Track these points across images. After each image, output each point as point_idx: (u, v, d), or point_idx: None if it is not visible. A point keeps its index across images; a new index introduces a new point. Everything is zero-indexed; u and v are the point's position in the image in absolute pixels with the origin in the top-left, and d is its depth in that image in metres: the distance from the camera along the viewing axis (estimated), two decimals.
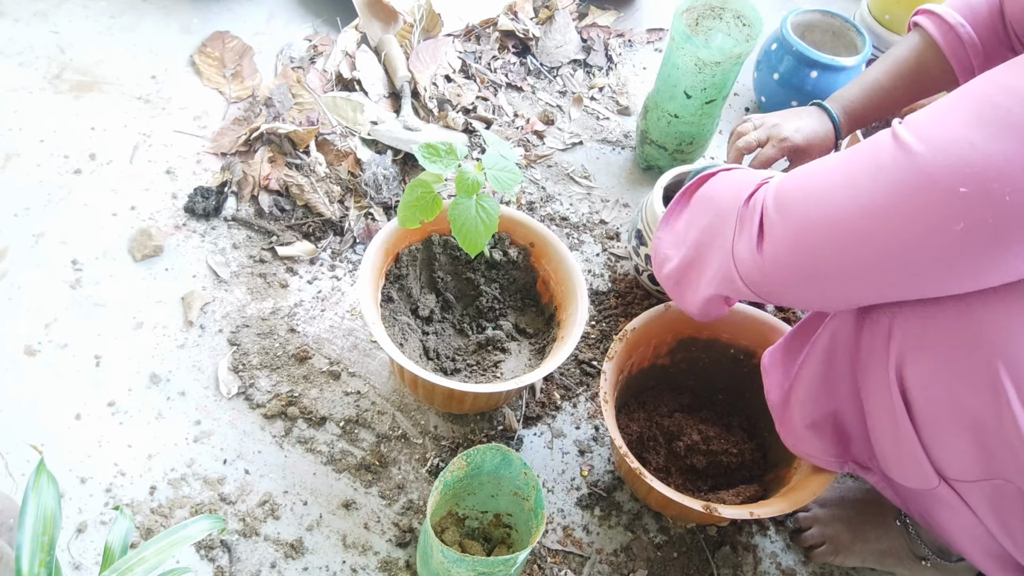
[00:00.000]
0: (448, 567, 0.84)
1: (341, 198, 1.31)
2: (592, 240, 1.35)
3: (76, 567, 0.95)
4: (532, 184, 1.42)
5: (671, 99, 1.31)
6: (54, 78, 1.44)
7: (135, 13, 1.57)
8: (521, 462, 0.89)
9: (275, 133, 1.33)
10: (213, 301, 1.20)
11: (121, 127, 1.39)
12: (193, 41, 1.54)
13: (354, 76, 1.45)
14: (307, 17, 1.62)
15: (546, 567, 1.01)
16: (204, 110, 1.43)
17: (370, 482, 1.05)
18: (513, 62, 1.59)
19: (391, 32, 1.52)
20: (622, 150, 1.50)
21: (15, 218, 1.25)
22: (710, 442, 1.05)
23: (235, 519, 1.01)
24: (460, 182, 0.97)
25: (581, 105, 1.55)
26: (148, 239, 1.23)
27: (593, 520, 1.06)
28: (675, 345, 1.10)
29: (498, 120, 1.49)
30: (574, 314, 1.03)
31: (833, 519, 1.04)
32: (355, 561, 0.99)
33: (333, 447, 1.08)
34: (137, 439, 1.06)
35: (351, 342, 1.18)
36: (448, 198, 1.01)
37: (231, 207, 1.29)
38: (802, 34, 1.49)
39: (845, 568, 1.06)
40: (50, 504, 0.66)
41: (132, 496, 1.01)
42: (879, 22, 1.53)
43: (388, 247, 1.07)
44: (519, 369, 1.08)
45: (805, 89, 1.43)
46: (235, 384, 1.12)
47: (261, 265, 1.24)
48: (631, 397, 1.11)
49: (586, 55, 1.63)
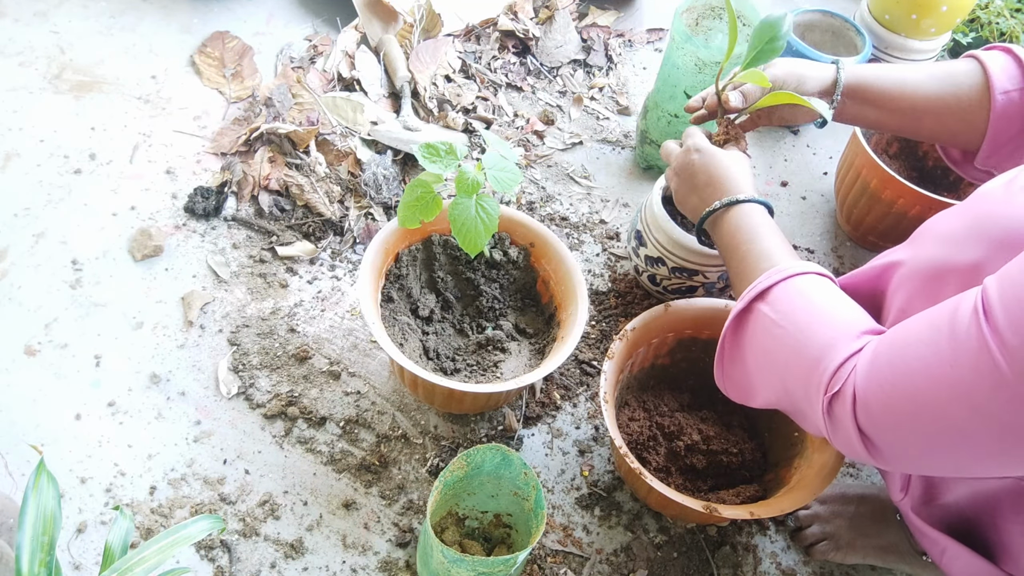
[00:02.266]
0: (448, 567, 0.84)
1: (341, 198, 1.31)
2: (592, 240, 1.35)
3: (76, 567, 0.95)
4: (532, 184, 1.42)
5: (671, 99, 1.31)
6: (54, 78, 1.44)
7: (135, 13, 1.57)
8: (521, 462, 0.89)
9: (275, 133, 1.33)
10: (213, 301, 1.20)
11: (121, 127, 1.39)
12: (193, 41, 1.54)
13: (354, 76, 1.45)
14: (307, 17, 1.62)
15: (546, 567, 1.01)
16: (204, 110, 1.43)
17: (370, 482, 1.05)
18: (513, 62, 1.59)
19: (391, 32, 1.52)
20: (622, 150, 1.50)
21: (15, 218, 1.25)
22: (710, 442, 1.05)
23: (235, 519, 1.01)
24: (460, 182, 0.97)
25: (581, 105, 1.55)
26: (148, 239, 1.23)
27: (593, 520, 1.06)
28: (675, 345, 1.10)
29: (498, 120, 1.49)
30: (574, 314, 1.03)
31: (833, 516, 1.04)
32: (355, 561, 0.99)
33: (333, 447, 1.08)
34: (137, 439, 1.06)
35: (351, 342, 1.18)
36: (448, 198, 1.01)
37: (231, 207, 1.29)
38: (802, 34, 1.49)
39: (845, 565, 1.06)
40: (50, 504, 0.66)
41: (132, 496, 1.01)
42: (879, 22, 1.53)
43: (388, 247, 1.07)
44: (519, 369, 1.08)
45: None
46: (235, 384, 1.12)
47: (261, 265, 1.24)
48: (631, 397, 1.11)
49: (586, 55, 1.63)
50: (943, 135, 0.98)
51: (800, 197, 1.48)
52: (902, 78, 0.96)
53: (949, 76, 0.93)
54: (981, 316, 0.58)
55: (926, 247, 0.75)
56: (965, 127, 0.94)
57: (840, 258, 1.40)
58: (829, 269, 1.38)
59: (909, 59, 1.54)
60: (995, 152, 0.94)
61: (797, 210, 1.46)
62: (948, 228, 0.73)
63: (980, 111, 0.91)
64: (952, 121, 0.95)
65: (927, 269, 0.73)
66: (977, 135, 0.93)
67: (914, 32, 1.50)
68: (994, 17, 1.62)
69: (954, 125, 0.95)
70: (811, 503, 1.06)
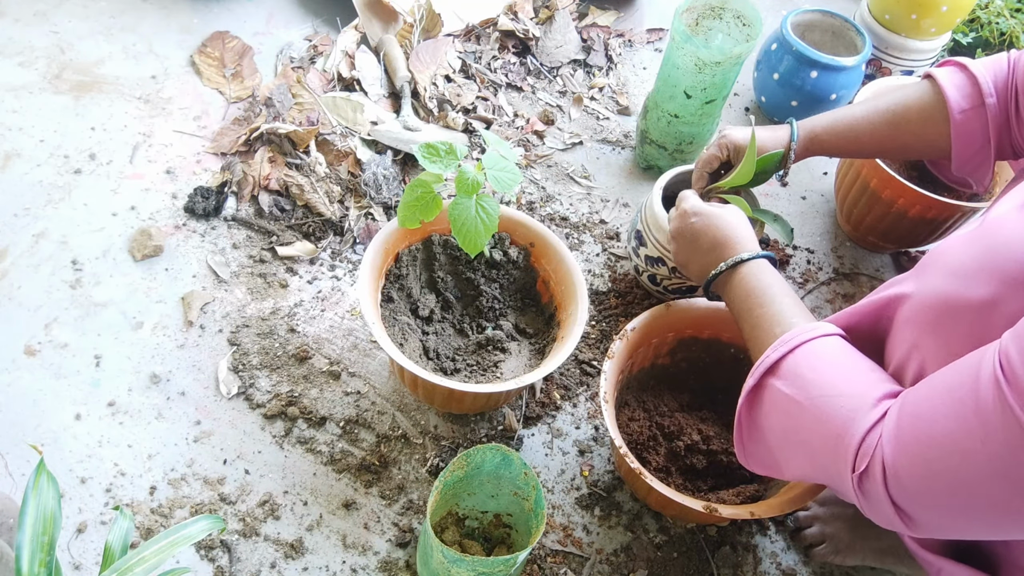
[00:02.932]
0: (448, 567, 0.84)
1: (341, 198, 1.31)
2: (592, 240, 1.35)
3: (76, 567, 0.95)
4: (532, 184, 1.42)
5: (671, 99, 1.31)
6: (54, 78, 1.44)
7: (135, 13, 1.57)
8: (521, 462, 0.89)
9: (275, 133, 1.33)
10: (213, 301, 1.20)
11: (121, 127, 1.39)
12: (193, 41, 1.54)
13: (354, 76, 1.45)
14: (307, 17, 1.62)
15: (546, 567, 1.01)
16: (204, 110, 1.43)
17: (370, 482, 1.05)
18: (513, 62, 1.59)
19: (391, 32, 1.52)
20: (622, 150, 1.50)
21: (15, 218, 1.25)
22: (710, 442, 1.05)
23: (235, 519, 1.01)
24: (460, 182, 0.97)
25: (581, 105, 1.55)
26: (148, 239, 1.23)
27: (593, 520, 1.06)
28: (675, 345, 1.10)
29: (498, 120, 1.49)
30: (574, 314, 1.03)
31: (833, 518, 1.04)
32: (355, 561, 0.99)
33: (333, 447, 1.08)
34: (137, 439, 1.06)
35: (351, 342, 1.18)
36: (448, 198, 1.01)
37: (231, 207, 1.29)
38: (802, 34, 1.49)
39: (845, 567, 1.06)
40: (50, 504, 0.66)
41: (132, 496, 1.01)
42: (879, 22, 1.54)
43: (388, 247, 1.07)
44: (519, 369, 1.08)
45: (805, 89, 1.43)
46: (235, 384, 1.12)
47: (261, 265, 1.24)
48: (631, 397, 1.11)
49: (586, 55, 1.63)
50: (911, 156, 1.03)
51: (800, 197, 1.48)
52: (854, 127, 1.01)
53: (904, 110, 0.97)
54: (1004, 385, 0.55)
55: (935, 279, 0.70)
56: (930, 148, 0.98)
57: (840, 258, 1.40)
58: (829, 269, 1.38)
59: (909, 59, 1.55)
60: (964, 165, 0.97)
61: (797, 210, 1.46)
62: (958, 260, 0.69)
63: (941, 134, 0.94)
64: (916, 145, 0.99)
65: (936, 304, 0.69)
66: (943, 152, 0.96)
67: (914, 32, 1.50)
68: (994, 17, 1.62)
69: (918, 148, 0.99)
70: (811, 504, 1.06)
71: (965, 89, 0.92)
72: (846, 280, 1.37)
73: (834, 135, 1.03)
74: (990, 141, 0.92)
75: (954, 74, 0.94)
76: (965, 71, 0.93)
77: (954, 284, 0.67)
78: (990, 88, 0.90)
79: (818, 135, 1.04)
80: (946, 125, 0.93)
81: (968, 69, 0.92)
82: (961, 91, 0.92)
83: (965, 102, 0.92)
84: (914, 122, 0.96)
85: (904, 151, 1.04)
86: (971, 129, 0.92)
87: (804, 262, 1.38)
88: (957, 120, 0.92)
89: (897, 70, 1.56)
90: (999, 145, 0.93)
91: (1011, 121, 0.91)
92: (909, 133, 0.98)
